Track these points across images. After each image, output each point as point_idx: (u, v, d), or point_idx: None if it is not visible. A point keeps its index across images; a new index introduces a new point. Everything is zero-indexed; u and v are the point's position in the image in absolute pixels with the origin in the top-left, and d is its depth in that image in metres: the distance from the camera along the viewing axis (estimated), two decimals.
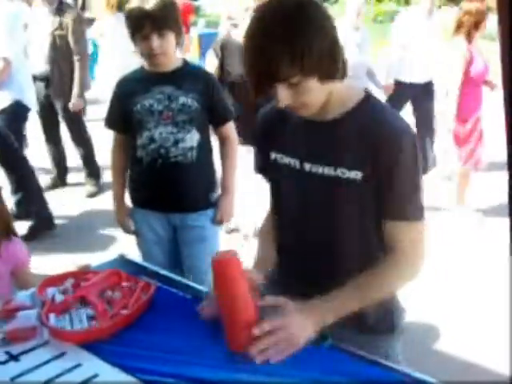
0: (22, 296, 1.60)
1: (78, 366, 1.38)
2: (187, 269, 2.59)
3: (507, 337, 2.93)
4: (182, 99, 2.38)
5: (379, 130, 1.44)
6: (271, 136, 1.62)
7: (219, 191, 2.63)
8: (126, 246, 2.77)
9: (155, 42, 2.31)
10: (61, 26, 4.80)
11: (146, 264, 1.96)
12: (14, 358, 1.42)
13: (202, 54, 11.26)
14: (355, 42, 5.01)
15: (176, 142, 2.40)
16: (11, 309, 1.53)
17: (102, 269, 1.78)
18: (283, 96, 1.38)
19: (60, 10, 4.83)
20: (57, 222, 4.53)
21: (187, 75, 2.44)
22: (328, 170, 1.48)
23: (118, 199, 2.66)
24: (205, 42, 11.41)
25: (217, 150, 2.67)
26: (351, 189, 1.47)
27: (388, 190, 1.46)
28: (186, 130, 2.40)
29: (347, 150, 1.47)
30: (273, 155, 1.61)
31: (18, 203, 4.47)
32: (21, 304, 1.56)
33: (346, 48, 1.52)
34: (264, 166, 1.68)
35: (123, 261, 1.97)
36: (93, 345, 1.45)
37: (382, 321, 1.61)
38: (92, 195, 5.23)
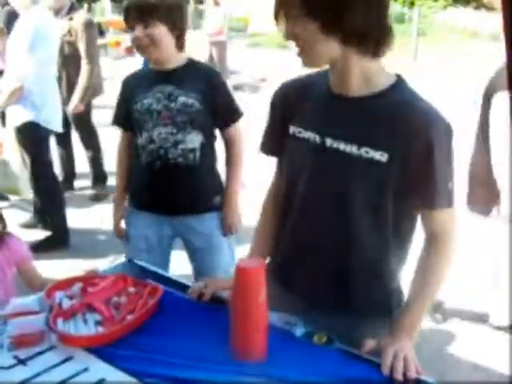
0: (30, 300, 1.61)
1: (85, 370, 1.39)
2: (196, 273, 2.53)
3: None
4: (182, 99, 2.28)
5: (411, 114, 1.42)
6: (291, 110, 1.59)
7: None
8: None
9: (139, 31, 2.23)
10: (69, 32, 4.76)
11: (152, 268, 1.96)
12: (21, 362, 1.43)
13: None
14: None
15: (175, 144, 2.30)
16: (18, 313, 1.54)
17: (109, 273, 1.79)
18: (283, 27, 1.41)
19: (69, 14, 4.79)
20: None
21: (190, 74, 2.34)
22: (351, 148, 1.46)
23: (118, 200, 2.60)
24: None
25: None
26: (373, 169, 1.44)
27: (421, 177, 1.44)
28: (187, 131, 2.30)
29: (375, 130, 1.44)
30: (291, 129, 1.58)
31: (38, 213, 4.44)
32: (28, 309, 1.57)
33: None
34: (277, 143, 1.64)
35: (130, 265, 1.98)
36: (100, 349, 1.46)
37: (377, 304, 1.60)
38: (98, 199, 5.24)
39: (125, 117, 2.45)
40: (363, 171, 1.46)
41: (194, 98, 2.29)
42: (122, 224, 2.58)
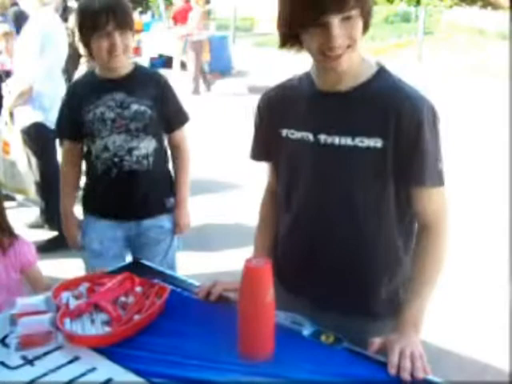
0: (36, 300, 1.61)
1: (92, 370, 1.39)
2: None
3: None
4: (135, 106, 2.26)
5: (399, 98, 1.47)
6: (279, 114, 1.62)
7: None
8: None
9: (118, 40, 2.17)
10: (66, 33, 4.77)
11: (159, 268, 1.96)
12: (29, 362, 1.43)
13: (212, 57, 11.30)
14: None
15: (130, 151, 2.29)
16: (26, 313, 1.54)
17: (116, 273, 1.79)
18: (338, 31, 1.37)
19: (64, 16, 4.79)
20: None
21: (139, 80, 2.32)
22: (345, 140, 1.49)
23: (68, 212, 2.50)
24: (214, 45, 11.47)
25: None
26: (371, 157, 1.48)
27: (411, 156, 1.48)
28: (141, 137, 2.29)
29: (366, 119, 1.48)
30: (284, 132, 1.60)
31: (44, 213, 4.44)
32: (35, 308, 1.57)
33: None
34: (267, 149, 1.68)
35: (137, 265, 1.98)
36: (107, 349, 1.46)
37: (387, 306, 1.60)
38: None
39: (70, 127, 2.39)
40: (361, 160, 1.50)
41: (145, 105, 2.28)
42: (77, 236, 2.51)
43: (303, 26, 1.41)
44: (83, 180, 2.53)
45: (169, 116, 2.38)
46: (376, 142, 1.47)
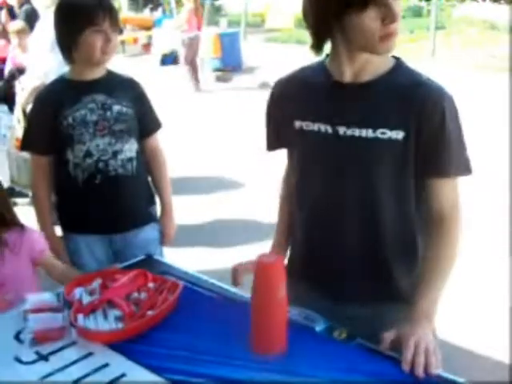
0: (47, 296, 1.62)
1: (105, 365, 1.40)
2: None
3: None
4: (117, 107, 2.18)
5: (419, 90, 1.48)
6: (292, 105, 1.61)
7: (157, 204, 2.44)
8: None
9: (113, 37, 2.11)
10: None
11: (172, 264, 1.97)
12: (43, 357, 1.44)
13: (223, 53, 11.29)
14: None
15: (115, 154, 2.18)
16: (39, 309, 1.55)
17: (129, 269, 1.80)
18: (398, 9, 1.39)
19: None
20: None
21: (115, 82, 2.25)
22: (366, 132, 1.49)
23: (49, 233, 2.28)
24: (225, 41, 11.46)
25: None
26: (392, 149, 1.49)
27: (436, 147, 1.48)
28: (124, 139, 2.19)
29: (387, 110, 1.49)
30: (297, 124, 1.59)
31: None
32: (48, 304, 1.58)
33: None
34: (283, 139, 1.66)
35: (150, 261, 1.99)
36: (120, 345, 1.46)
37: (412, 290, 1.57)
38: None
39: (42, 139, 2.23)
40: (383, 152, 1.50)
41: (126, 106, 2.21)
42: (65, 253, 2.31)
43: (344, 13, 1.39)
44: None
45: (144, 121, 2.30)
46: (398, 134, 1.47)
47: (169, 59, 12.31)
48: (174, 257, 2.36)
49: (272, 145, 1.74)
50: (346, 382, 1.35)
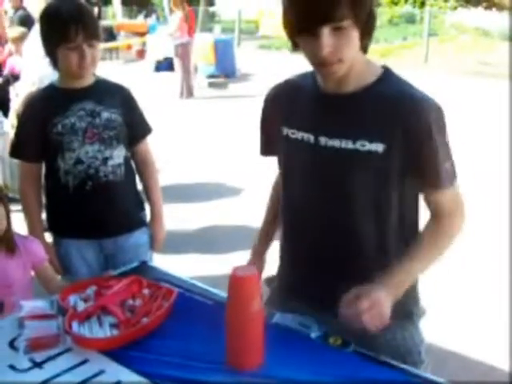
0: (42, 303, 1.62)
1: (100, 372, 1.39)
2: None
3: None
4: (106, 114, 2.20)
5: (404, 102, 1.46)
6: (282, 112, 1.62)
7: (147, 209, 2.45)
8: None
9: (87, 52, 2.09)
10: None
11: (167, 270, 1.97)
12: (37, 365, 1.43)
13: (217, 60, 11.31)
14: None
15: (105, 160, 2.19)
16: (34, 316, 1.55)
17: (123, 275, 1.79)
18: (327, 41, 1.36)
19: None
20: None
21: (104, 89, 2.27)
22: (346, 144, 1.48)
23: (40, 235, 2.28)
24: (219, 47, 11.47)
25: None
26: (371, 161, 1.47)
27: (423, 160, 1.47)
28: (113, 146, 2.21)
29: (369, 123, 1.48)
30: (284, 131, 1.60)
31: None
32: (43, 311, 1.57)
33: None
34: (273, 145, 1.67)
35: (145, 268, 1.98)
36: (115, 352, 1.46)
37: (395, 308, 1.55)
38: None
39: (31, 146, 2.25)
40: (361, 164, 1.49)
41: (115, 112, 2.22)
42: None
43: (297, 34, 1.43)
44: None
45: (133, 127, 2.31)
46: (377, 147, 1.45)
47: (163, 65, 12.31)
48: (168, 263, 2.36)
49: (263, 149, 1.76)
50: None
